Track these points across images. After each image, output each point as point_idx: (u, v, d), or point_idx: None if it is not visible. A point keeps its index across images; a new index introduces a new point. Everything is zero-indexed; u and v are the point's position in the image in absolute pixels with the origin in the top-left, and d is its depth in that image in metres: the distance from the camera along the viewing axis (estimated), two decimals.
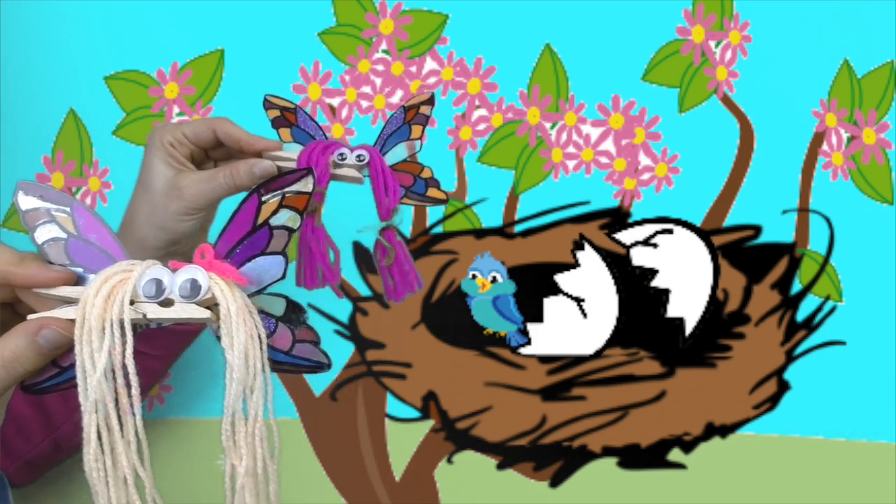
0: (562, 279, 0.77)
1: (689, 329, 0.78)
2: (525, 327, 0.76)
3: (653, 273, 0.77)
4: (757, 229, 0.78)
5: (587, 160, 0.76)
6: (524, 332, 0.76)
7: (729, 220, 0.78)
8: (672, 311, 0.78)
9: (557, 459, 0.77)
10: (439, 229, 0.76)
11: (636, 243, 0.77)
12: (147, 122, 0.72)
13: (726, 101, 0.77)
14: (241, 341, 0.35)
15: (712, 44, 0.77)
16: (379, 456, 0.76)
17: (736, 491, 0.78)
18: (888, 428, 0.79)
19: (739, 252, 0.78)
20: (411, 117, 0.56)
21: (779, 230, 0.78)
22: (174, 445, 0.73)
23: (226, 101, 0.73)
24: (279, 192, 0.37)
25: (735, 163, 0.77)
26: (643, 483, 0.78)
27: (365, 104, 0.74)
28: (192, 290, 0.35)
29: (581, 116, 0.76)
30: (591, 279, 0.77)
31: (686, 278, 0.78)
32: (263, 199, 0.37)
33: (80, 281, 0.36)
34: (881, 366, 0.79)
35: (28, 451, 0.62)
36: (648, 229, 0.77)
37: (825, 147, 0.78)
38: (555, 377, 0.77)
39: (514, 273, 0.76)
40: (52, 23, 0.71)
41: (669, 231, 0.77)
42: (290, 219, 0.37)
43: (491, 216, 0.76)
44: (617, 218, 0.77)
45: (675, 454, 0.78)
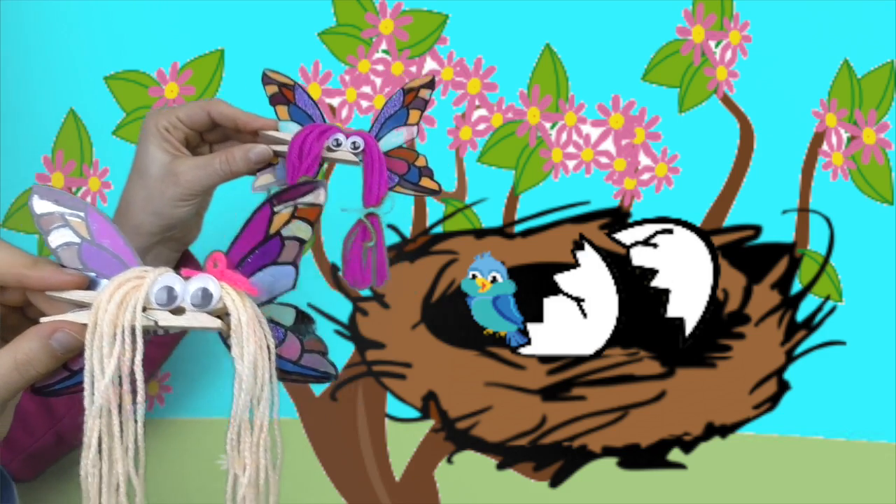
0: (562, 279, 0.77)
1: (689, 329, 0.78)
2: (525, 327, 0.76)
3: (653, 273, 0.77)
4: (757, 229, 0.78)
5: (587, 160, 0.76)
6: (524, 332, 0.76)
7: (729, 220, 0.78)
8: (672, 311, 0.78)
9: (557, 459, 0.77)
10: (439, 229, 0.76)
11: (636, 243, 0.77)
12: None
13: (726, 101, 0.77)
14: (251, 352, 0.35)
15: (712, 44, 0.77)
16: (379, 456, 0.76)
17: (736, 491, 0.78)
18: (888, 428, 0.79)
19: (739, 252, 0.78)
20: (410, 100, 0.55)
21: (779, 230, 0.78)
22: (174, 445, 0.73)
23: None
24: (291, 204, 0.37)
25: (735, 163, 0.77)
26: (643, 483, 0.78)
27: (365, 104, 0.74)
28: (203, 299, 0.35)
29: (581, 116, 0.76)
30: (591, 279, 0.77)
31: (686, 278, 0.78)
32: (276, 209, 0.37)
33: (92, 285, 0.36)
34: (881, 366, 0.79)
35: (31, 445, 0.62)
36: (648, 229, 0.77)
37: (825, 147, 0.78)
38: (555, 377, 0.77)
39: (514, 273, 0.76)
40: (52, 23, 0.71)
41: (669, 231, 0.77)
42: (302, 230, 0.37)
43: (491, 216, 0.76)
44: (617, 218, 0.77)
45: (675, 454, 0.78)
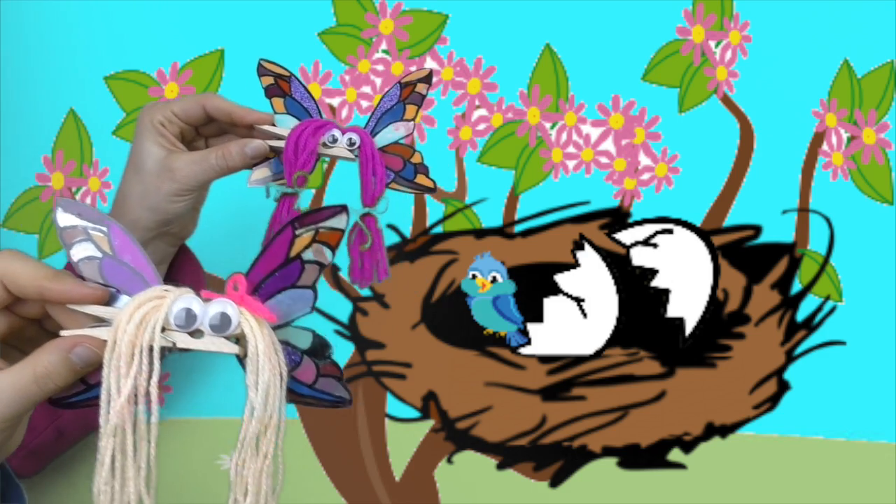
0: (562, 279, 0.77)
1: (689, 329, 0.78)
2: (525, 327, 0.76)
3: (653, 273, 0.77)
4: (757, 229, 0.78)
5: (587, 160, 0.76)
6: (524, 332, 0.76)
7: (729, 220, 0.78)
8: (672, 311, 0.78)
9: (557, 459, 0.77)
10: (439, 229, 0.76)
11: (636, 243, 0.77)
12: None
13: (726, 101, 0.77)
14: (265, 380, 0.35)
15: (712, 44, 0.77)
16: (379, 456, 0.76)
17: (736, 491, 0.78)
18: (888, 428, 0.79)
19: (739, 252, 0.78)
20: (406, 95, 0.54)
21: (779, 230, 0.78)
22: (174, 445, 0.73)
23: None
24: (313, 227, 0.37)
25: (735, 163, 0.77)
26: (643, 483, 0.78)
27: (365, 104, 0.74)
28: (221, 324, 0.35)
29: (581, 116, 0.76)
30: (591, 279, 0.77)
31: (686, 278, 0.78)
32: (297, 232, 0.37)
33: (111, 300, 0.37)
34: (881, 366, 0.79)
35: (31, 440, 0.62)
36: (648, 229, 0.77)
37: (825, 147, 0.78)
38: (555, 377, 0.77)
39: (514, 273, 0.76)
40: (52, 23, 0.71)
41: (669, 231, 0.77)
42: (322, 254, 0.37)
43: (491, 216, 0.76)
44: (617, 218, 0.77)
45: (675, 454, 0.78)
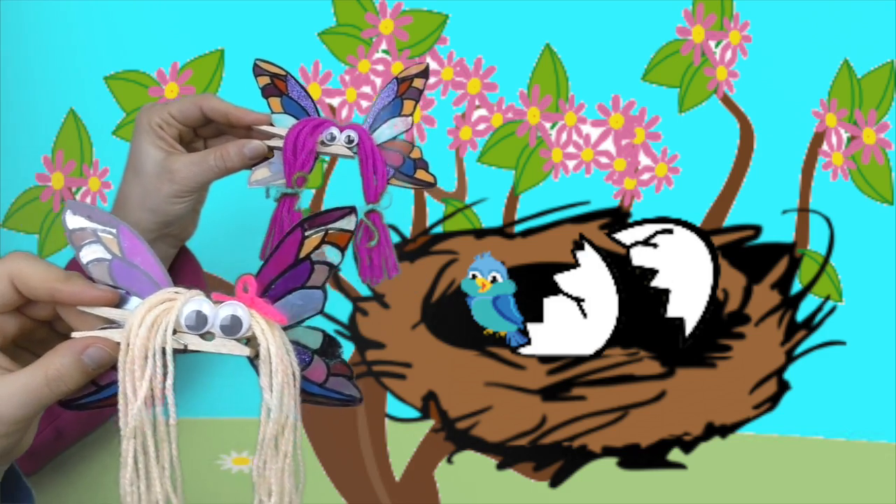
0: (562, 279, 0.77)
1: (689, 329, 0.78)
2: (525, 327, 0.76)
3: (653, 273, 0.77)
4: (757, 229, 0.78)
5: (587, 160, 0.76)
6: (524, 332, 0.76)
7: (729, 220, 0.78)
8: (672, 311, 0.78)
9: (557, 459, 0.77)
10: (439, 229, 0.76)
11: (636, 243, 0.77)
12: None
13: (726, 101, 0.77)
14: (279, 382, 0.36)
15: (712, 44, 0.77)
16: (379, 456, 0.76)
17: (736, 491, 0.78)
18: (888, 428, 0.79)
19: (739, 252, 0.78)
20: (404, 90, 0.54)
21: (779, 230, 0.78)
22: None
23: None
24: (322, 229, 0.37)
25: (735, 163, 0.77)
26: (643, 483, 0.78)
27: (365, 104, 0.74)
28: (232, 326, 0.36)
29: (581, 116, 0.76)
30: (591, 279, 0.77)
31: (686, 278, 0.78)
32: (306, 234, 0.37)
33: (122, 302, 0.37)
34: (881, 366, 0.79)
35: None
36: (648, 229, 0.77)
37: (825, 147, 0.78)
38: (555, 377, 0.77)
39: (514, 273, 0.76)
40: (52, 23, 0.71)
41: (669, 231, 0.77)
42: (332, 255, 0.38)
43: (491, 216, 0.76)
44: (617, 218, 0.77)
45: (675, 454, 0.78)
